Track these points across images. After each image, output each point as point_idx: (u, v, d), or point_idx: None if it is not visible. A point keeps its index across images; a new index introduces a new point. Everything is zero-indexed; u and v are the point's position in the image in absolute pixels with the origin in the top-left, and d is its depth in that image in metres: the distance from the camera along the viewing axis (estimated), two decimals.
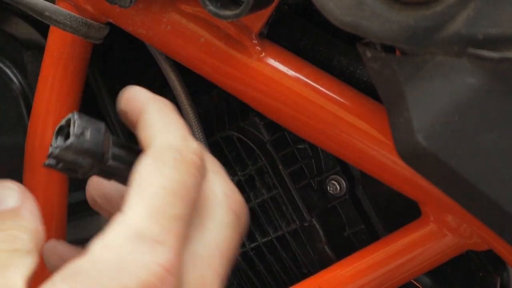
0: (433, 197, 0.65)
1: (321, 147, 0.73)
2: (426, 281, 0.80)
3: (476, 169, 0.51)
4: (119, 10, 0.71)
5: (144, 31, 0.71)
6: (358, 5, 0.50)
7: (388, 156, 0.65)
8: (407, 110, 0.51)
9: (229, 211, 0.50)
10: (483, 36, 0.49)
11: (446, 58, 0.50)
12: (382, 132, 0.65)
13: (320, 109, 0.66)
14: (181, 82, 0.75)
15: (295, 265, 0.84)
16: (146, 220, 0.43)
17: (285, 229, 0.81)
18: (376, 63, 0.54)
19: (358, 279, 0.69)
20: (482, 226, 0.64)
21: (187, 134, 0.48)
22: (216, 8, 0.61)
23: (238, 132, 0.80)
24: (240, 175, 0.81)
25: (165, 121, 0.48)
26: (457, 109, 0.50)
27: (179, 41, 0.70)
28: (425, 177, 0.54)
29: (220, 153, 0.82)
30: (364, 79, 0.70)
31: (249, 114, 0.79)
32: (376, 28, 0.50)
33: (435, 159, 0.51)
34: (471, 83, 0.50)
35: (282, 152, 0.79)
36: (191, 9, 0.69)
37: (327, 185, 0.78)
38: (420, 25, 0.50)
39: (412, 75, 0.52)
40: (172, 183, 0.44)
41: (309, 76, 0.67)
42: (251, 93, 0.69)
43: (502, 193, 0.51)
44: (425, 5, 0.50)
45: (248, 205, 0.82)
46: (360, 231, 0.79)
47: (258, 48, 0.68)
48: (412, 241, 0.68)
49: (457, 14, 0.49)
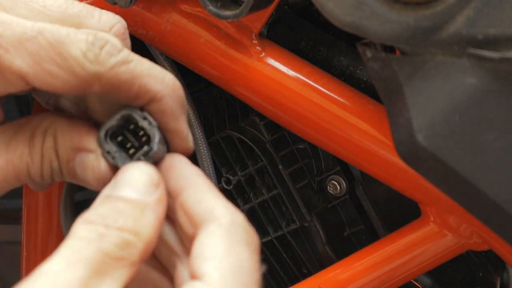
0: (433, 197, 0.65)
1: (321, 147, 0.73)
2: (426, 281, 0.80)
3: (476, 169, 0.51)
4: (119, 10, 0.71)
5: (144, 31, 0.71)
6: (358, 5, 0.50)
7: (388, 156, 0.65)
8: (407, 110, 0.51)
9: None
10: (483, 36, 0.49)
11: (446, 58, 0.50)
12: (382, 132, 0.65)
13: (320, 109, 0.66)
14: (181, 82, 0.75)
15: (295, 265, 0.84)
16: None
17: (285, 229, 0.81)
18: (376, 63, 0.54)
19: (358, 279, 0.69)
20: (482, 226, 0.64)
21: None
22: (216, 8, 0.61)
23: (238, 132, 0.80)
24: (240, 175, 0.81)
25: (220, 196, 0.51)
26: (457, 109, 0.50)
27: (179, 41, 0.70)
28: (425, 177, 0.54)
29: (220, 153, 0.82)
30: (364, 79, 0.70)
31: (249, 114, 0.79)
32: (376, 28, 0.50)
33: (435, 159, 0.51)
34: (471, 83, 0.50)
35: (282, 152, 0.79)
36: (191, 9, 0.69)
37: (327, 185, 0.78)
38: (420, 25, 0.50)
39: (412, 75, 0.52)
40: (247, 263, 0.48)
41: (309, 76, 0.67)
42: (251, 93, 0.69)
43: (502, 193, 0.51)
44: (425, 5, 0.50)
45: (248, 205, 0.83)
46: (360, 231, 0.79)
47: (258, 48, 0.68)
48: (412, 241, 0.68)
49: (457, 14, 0.49)
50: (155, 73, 0.52)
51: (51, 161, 0.55)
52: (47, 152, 0.54)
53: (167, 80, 0.53)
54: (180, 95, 0.54)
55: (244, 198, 0.83)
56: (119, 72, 0.51)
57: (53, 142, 0.54)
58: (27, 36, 0.50)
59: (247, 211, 0.83)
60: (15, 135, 0.55)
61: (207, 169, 0.76)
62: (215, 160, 0.82)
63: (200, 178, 0.51)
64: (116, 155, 0.51)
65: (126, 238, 0.46)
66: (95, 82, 0.50)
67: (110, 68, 0.50)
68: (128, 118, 0.52)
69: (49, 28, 0.50)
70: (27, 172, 0.55)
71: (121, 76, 0.51)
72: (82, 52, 0.50)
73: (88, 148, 0.54)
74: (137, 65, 0.52)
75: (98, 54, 0.50)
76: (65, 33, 0.50)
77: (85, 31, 0.51)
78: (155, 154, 0.51)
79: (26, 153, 0.54)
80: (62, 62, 0.50)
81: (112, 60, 0.50)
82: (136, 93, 0.52)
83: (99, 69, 0.50)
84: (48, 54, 0.50)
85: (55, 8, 0.54)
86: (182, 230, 0.51)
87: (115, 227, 0.47)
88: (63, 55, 0.50)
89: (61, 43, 0.50)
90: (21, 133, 0.55)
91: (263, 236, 0.83)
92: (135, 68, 0.51)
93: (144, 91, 0.52)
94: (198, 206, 0.50)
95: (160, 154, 0.51)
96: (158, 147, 0.51)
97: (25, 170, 0.55)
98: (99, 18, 0.54)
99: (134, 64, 0.51)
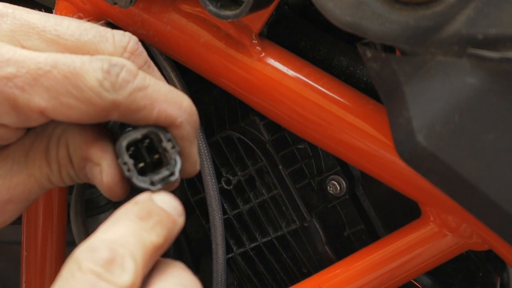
0: (433, 197, 0.65)
1: (321, 147, 0.73)
2: (426, 281, 0.80)
3: (476, 169, 0.51)
4: (119, 10, 0.71)
5: (144, 31, 0.71)
6: (358, 5, 0.50)
7: (388, 156, 0.65)
8: (407, 110, 0.51)
9: None
10: (483, 36, 0.49)
11: (446, 58, 0.50)
12: (382, 132, 0.65)
13: (320, 109, 0.66)
14: (181, 82, 0.75)
15: (295, 265, 0.84)
16: None
17: (285, 229, 0.81)
18: (376, 63, 0.54)
19: (358, 279, 0.69)
20: (482, 226, 0.64)
21: None
22: (216, 8, 0.61)
23: (238, 132, 0.80)
24: (240, 175, 0.81)
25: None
26: (457, 109, 0.50)
27: (179, 41, 0.70)
28: (425, 177, 0.54)
29: (220, 153, 0.82)
30: (364, 79, 0.70)
31: (249, 114, 0.79)
32: (376, 28, 0.50)
33: (435, 159, 0.51)
34: (471, 83, 0.50)
35: (282, 152, 0.79)
36: (191, 9, 0.69)
37: (327, 185, 0.78)
38: (420, 25, 0.50)
39: (412, 75, 0.52)
40: None
41: (309, 76, 0.67)
42: (251, 93, 0.69)
43: (502, 193, 0.51)
44: (425, 5, 0.50)
45: (248, 205, 0.83)
46: (360, 231, 0.79)
47: (258, 48, 0.68)
48: (412, 241, 0.68)
49: (457, 14, 0.49)
50: (174, 98, 0.52)
51: (68, 169, 0.55)
52: (63, 161, 0.54)
53: (185, 105, 0.53)
54: (195, 120, 0.54)
55: (244, 198, 0.83)
56: (137, 99, 0.50)
57: (66, 151, 0.54)
58: (41, 72, 0.49)
59: (247, 211, 0.83)
60: (32, 146, 0.55)
61: (207, 169, 0.76)
62: (215, 160, 0.82)
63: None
64: (132, 167, 0.51)
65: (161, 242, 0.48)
66: (113, 110, 0.50)
67: (128, 95, 0.50)
68: (152, 135, 0.52)
69: (63, 60, 0.50)
70: (49, 181, 0.55)
71: (140, 103, 0.50)
72: (99, 82, 0.49)
73: (94, 161, 0.54)
74: (155, 89, 0.51)
75: (115, 82, 0.50)
76: (80, 63, 0.50)
77: (100, 58, 0.50)
78: (176, 181, 0.51)
79: (44, 165, 0.54)
80: (79, 94, 0.49)
81: (129, 87, 0.50)
82: (155, 118, 0.51)
83: (117, 97, 0.50)
84: (64, 87, 0.49)
85: (69, 37, 0.53)
86: None
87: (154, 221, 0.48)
88: (79, 86, 0.49)
89: (76, 74, 0.49)
90: (38, 143, 0.55)
91: (263, 236, 0.83)
92: (153, 93, 0.51)
93: (163, 117, 0.51)
94: None
95: (178, 181, 0.52)
96: (179, 173, 0.51)
97: (46, 180, 0.55)
98: (112, 41, 0.53)
99: (152, 89, 0.51)
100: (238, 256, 0.86)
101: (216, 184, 0.77)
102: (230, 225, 0.84)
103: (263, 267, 0.85)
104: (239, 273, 0.88)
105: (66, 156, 0.54)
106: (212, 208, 0.77)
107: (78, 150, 0.54)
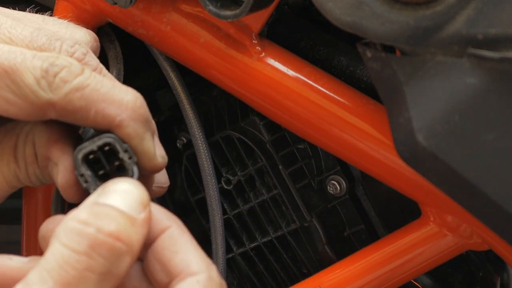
0: (433, 197, 0.65)
1: (321, 147, 0.73)
2: (426, 281, 0.80)
3: (476, 169, 0.51)
4: (119, 10, 0.71)
5: (144, 31, 0.71)
6: (358, 5, 0.50)
7: (388, 156, 0.65)
8: (407, 110, 0.51)
9: None
10: (483, 36, 0.49)
11: (446, 58, 0.50)
12: (382, 132, 0.65)
13: (320, 109, 0.66)
14: (181, 82, 0.75)
15: (295, 265, 0.84)
16: None
17: (285, 229, 0.81)
18: (376, 63, 0.54)
19: (358, 279, 0.69)
20: (482, 226, 0.64)
21: None
22: (216, 8, 0.61)
23: (238, 132, 0.80)
24: (240, 175, 0.81)
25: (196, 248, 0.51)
26: (457, 109, 0.50)
27: (179, 41, 0.70)
28: (425, 177, 0.54)
29: (220, 153, 0.82)
30: (364, 79, 0.70)
31: (249, 114, 0.79)
32: (376, 28, 0.50)
33: (435, 159, 0.51)
34: (471, 83, 0.50)
35: (282, 152, 0.79)
36: (191, 9, 0.69)
37: (327, 185, 0.78)
38: (420, 25, 0.50)
39: (412, 75, 0.52)
40: None
41: (309, 76, 0.67)
42: (251, 93, 0.69)
43: (502, 193, 0.50)
44: (425, 5, 0.50)
45: (248, 205, 0.83)
46: (360, 231, 0.79)
47: (258, 48, 0.68)
48: (412, 241, 0.68)
49: (457, 14, 0.49)
50: (113, 97, 0.51)
51: (34, 167, 0.54)
52: (29, 158, 0.54)
53: (126, 101, 0.51)
54: (142, 113, 0.52)
55: (244, 198, 0.83)
56: (73, 99, 0.50)
57: (33, 148, 0.54)
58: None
59: (247, 211, 0.83)
60: (2, 142, 0.55)
61: (207, 169, 0.76)
62: (215, 160, 0.82)
63: (175, 226, 0.50)
64: (89, 179, 0.51)
65: (118, 248, 0.45)
66: (49, 109, 0.50)
67: (63, 96, 0.49)
68: (108, 146, 0.51)
69: (6, 55, 0.50)
70: (17, 179, 0.55)
71: (75, 103, 0.50)
72: (36, 80, 0.49)
73: (53, 160, 0.53)
74: (93, 90, 0.50)
75: (52, 81, 0.49)
76: (21, 59, 0.49)
77: (44, 56, 0.50)
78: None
79: (12, 161, 0.54)
80: (17, 90, 0.49)
81: (66, 87, 0.49)
82: (93, 119, 0.51)
83: (52, 96, 0.49)
84: (3, 81, 0.49)
85: (20, 41, 0.53)
86: (152, 275, 0.49)
87: (107, 231, 0.45)
88: (17, 82, 0.49)
89: (16, 70, 0.49)
90: (7, 139, 0.55)
91: (263, 236, 0.83)
92: (91, 94, 0.50)
93: (101, 117, 0.51)
94: (174, 256, 0.48)
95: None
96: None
97: (14, 177, 0.55)
98: (59, 50, 0.54)
99: (90, 90, 0.50)
100: (238, 256, 0.86)
101: (216, 184, 0.77)
102: (230, 225, 0.84)
103: (263, 267, 0.85)
104: (239, 273, 0.88)
105: (32, 154, 0.54)
106: (212, 208, 0.77)
107: (42, 148, 0.54)
